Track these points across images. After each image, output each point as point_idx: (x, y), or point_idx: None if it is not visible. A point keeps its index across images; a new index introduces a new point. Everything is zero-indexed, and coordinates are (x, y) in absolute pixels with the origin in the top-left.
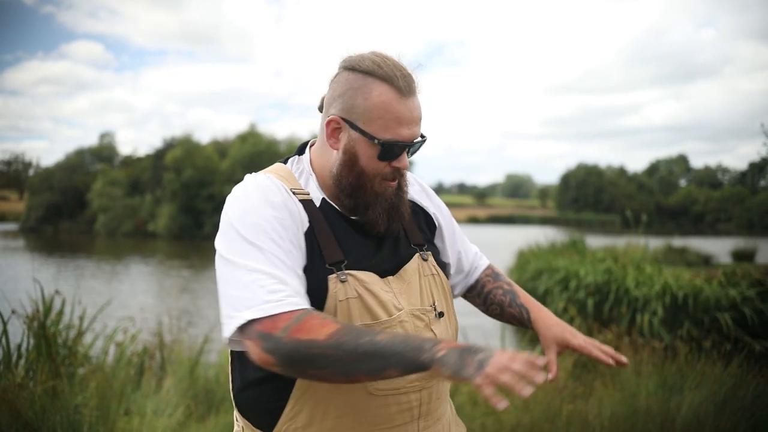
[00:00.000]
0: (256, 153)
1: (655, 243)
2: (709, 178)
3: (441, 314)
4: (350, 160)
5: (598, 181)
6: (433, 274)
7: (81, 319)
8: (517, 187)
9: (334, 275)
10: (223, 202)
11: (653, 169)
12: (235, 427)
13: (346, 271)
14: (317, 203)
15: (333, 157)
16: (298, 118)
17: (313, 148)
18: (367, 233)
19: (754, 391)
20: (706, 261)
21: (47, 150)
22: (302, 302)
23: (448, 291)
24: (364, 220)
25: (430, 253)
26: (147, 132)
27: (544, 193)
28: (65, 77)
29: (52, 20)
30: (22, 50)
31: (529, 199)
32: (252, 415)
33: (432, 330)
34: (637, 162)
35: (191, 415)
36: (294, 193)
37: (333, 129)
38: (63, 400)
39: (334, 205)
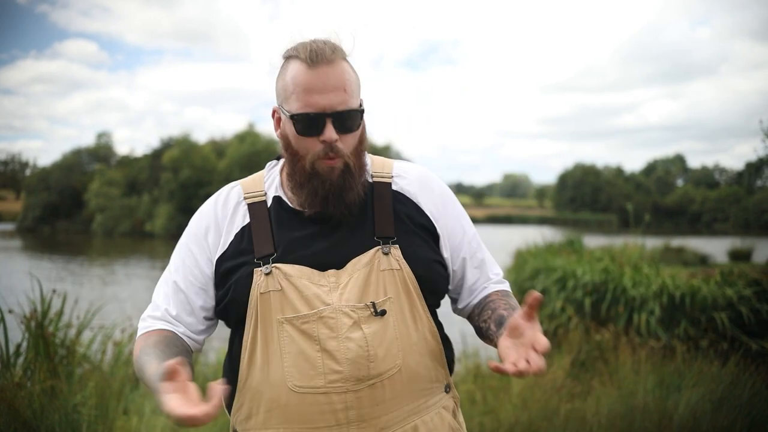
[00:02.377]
0: (254, 153)
1: (653, 243)
2: (706, 177)
3: (382, 312)
4: (285, 143)
5: (596, 180)
6: (393, 269)
7: (79, 318)
8: (514, 187)
9: (260, 268)
10: None
11: (650, 168)
12: None
13: (273, 265)
14: (269, 202)
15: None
16: None
17: None
18: (315, 224)
19: (750, 390)
20: (703, 261)
21: (42, 149)
22: (152, 323)
23: (415, 288)
24: (299, 202)
25: (397, 246)
26: (143, 131)
27: (541, 192)
28: (59, 76)
29: (45, 19)
30: (17, 49)
31: (526, 198)
32: (226, 406)
33: (362, 328)
34: (633, 161)
35: None
36: (245, 197)
37: (276, 119)
38: (61, 400)
39: (285, 200)
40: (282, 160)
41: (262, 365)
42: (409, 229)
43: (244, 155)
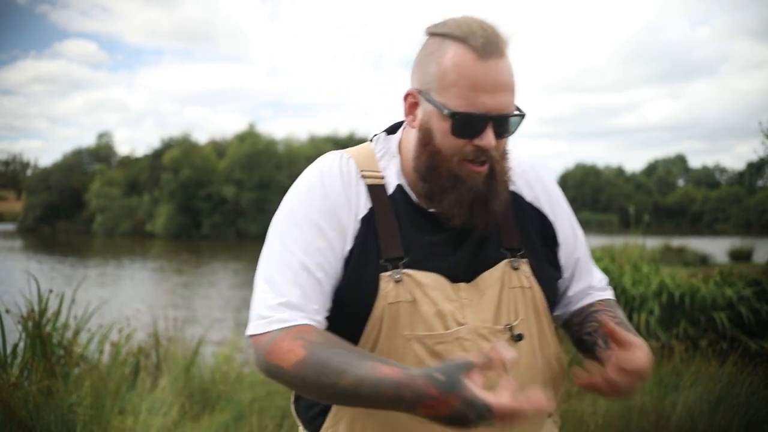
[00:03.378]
0: (255, 153)
1: (653, 243)
2: (707, 177)
3: (519, 337)
4: (425, 138)
5: (596, 180)
6: (523, 287)
7: (77, 318)
8: None
9: (387, 273)
10: (221, 202)
11: (651, 168)
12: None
13: (403, 270)
14: (390, 189)
15: (412, 137)
16: (294, 117)
17: (405, 130)
18: (445, 230)
19: (748, 390)
20: (703, 260)
21: (42, 149)
22: (291, 318)
23: (544, 311)
24: (438, 210)
25: (525, 261)
26: (143, 131)
27: None
28: (59, 76)
29: (45, 19)
30: (17, 49)
31: None
32: (303, 420)
33: None
34: (634, 161)
35: (186, 414)
36: (364, 176)
37: (410, 104)
38: (57, 400)
39: (410, 193)
40: (395, 138)
41: None
42: (533, 239)
43: (245, 155)
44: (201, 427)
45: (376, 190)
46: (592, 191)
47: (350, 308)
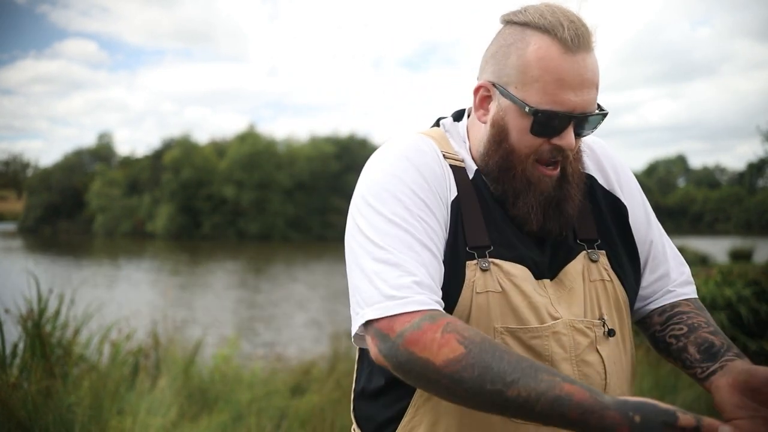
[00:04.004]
0: (255, 153)
1: None
2: (708, 178)
3: (611, 332)
4: (498, 135)
5: None
6: (603, 280)
7: (77, 319)
8: None
9: (474, 261)
10: (221, 203)
11: (652, 169)
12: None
13: (490, 259)
14: (470, 174)
15: (482, 132)
16: (294, 117)
17: (469, 119)
18: (519, 227)
19: None
20: (703, 260)
21: (43, 149)
22: (429, 300)
23: (624, 305)
24: (512, 213)
25: (603, 252)
26: (143, 131)
27: None
28: (59, 76)
29: (45, 19)
30: (17, 49)
31: None
32: (366, 424)
33: (598, 351)
34: (634, 161)
35: (184, 414)
36: (446, 156)
37: (482, 97)
38: (56, 400)
39: (487, 181)
40: (459, 123)
41: None
42: (610, 228)
43: (245, 156)
44: (199, 428)
45: (459, 173)
46: None
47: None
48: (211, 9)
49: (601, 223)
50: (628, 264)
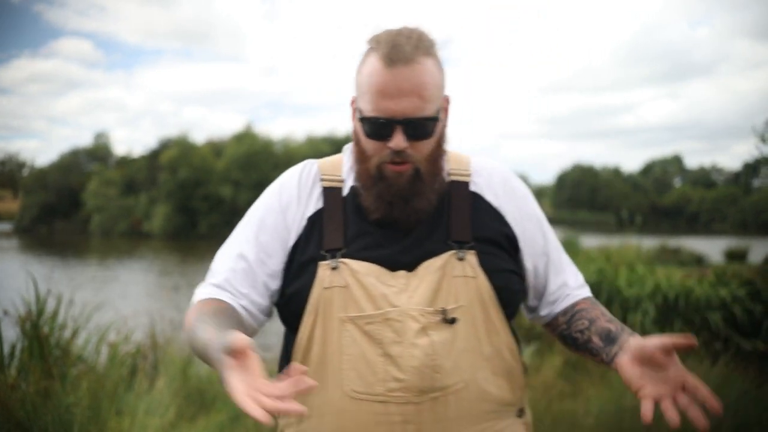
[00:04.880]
0: (252, 153)
1: (650, 243)
2: (704, 178)
3: (452, 320)
4: (354, 139)
5: (594, 181)
6: (466, 276)
7: (75, 319)
8: None
9: (326, 262)
10: (219, 202)
11: (648, 169)
12: None
13: (341, 259)
14: (345, 191)
15: None
16: (293, 117)
17: None
18: (390, 224)
19: (739, 390)
20: (698, 261)
21: (40, 149)
22: (212, 293)
23: (490, 299)
24: (364, 204)
25: (473, 252)
26: (141, 131)
27: (539, 192)
28: (55, 75)
29: (40, 17)
30: (13, 48)
31: None
32: None
33: (429, 335)
34: (631, 161)
35: (182, 415)
36: (323, 179)
37: (352, 111)
38: (55, 400)
39: (364, 193)
40: None
41: (318, 366)
42: (487, 234)
43: (242, 155)
44: (197, 428)
45: (330, 192)
46: (589, 191)
47: (295, 294)
48: (209, 8)
49: (480, 231)
50: (503, 267)
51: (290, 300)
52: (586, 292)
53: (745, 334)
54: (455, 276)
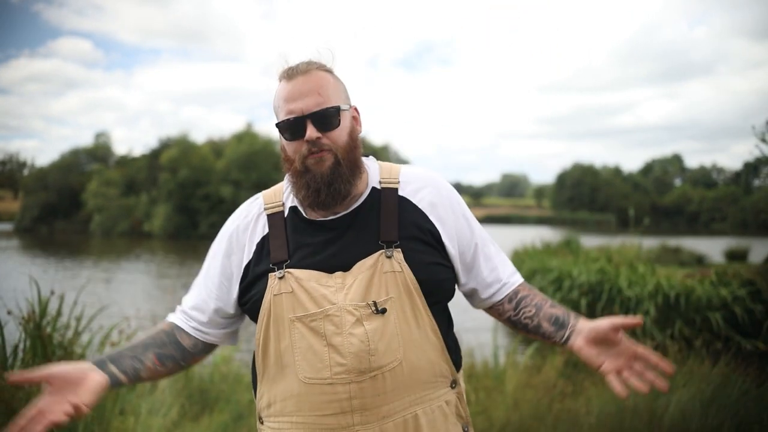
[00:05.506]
0: (252, 153)
1: (650, 243)
2: (704, 177)
3: (383, 310)
4: (283, 155)
5: (594, 180)
6: (395, 272)
7: (77, 319)
8: (512, 187)
9: (275, 273)
10: (219, 202)
11: (648, 168)
12: None
13: (286, 270)
14: (286, 212)
15: None
16: None
17: None
18: (324, 231)
19: (739, 390)
20: (699, 261)
21: (38, 149)
22: (172, 316)
23: (416, 290)
24: (298, 199)
25: (399, 250)
26: (139, 130)
27: (539, 192)
28: (54, 75)
29: (38, 17)
30: (12, 48)
31: (524, 198)
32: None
33: (363, 325)
34: (631, 160)
35: (185, 414)
36: (266, 208)
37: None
38: None
39: (301, 210)
40: None
41: (276, 359)
42: (413, 233)
43: (243, 155)
44: (200, 428)
45: (273, 217)
46: (589, 191)
47: (253, 301)
48: (205, 7)
49: (406, 230)
50: (429, 260)
51: (250, 306)
52: (519, 278)
53: (745, 334)
54: (385, 272)
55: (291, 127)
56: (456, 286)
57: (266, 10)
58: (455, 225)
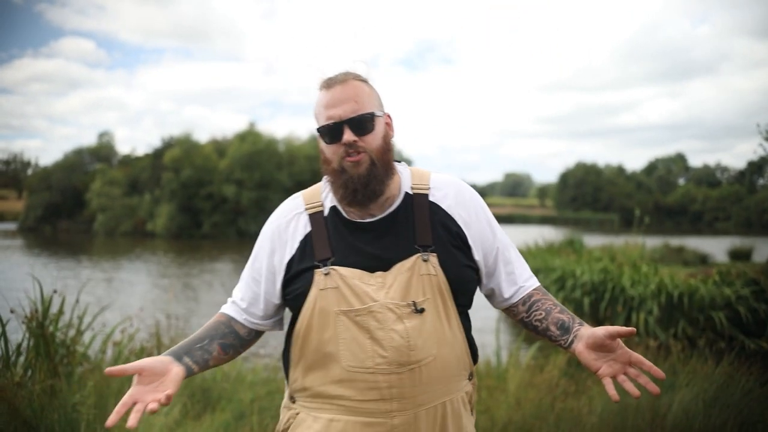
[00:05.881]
0: (255, 152)
1: (653, 242)
2: (708, 177)
3: (421, 310)
4: (323, 158)
5: (597, 180)
6: (430, 275)
7: (80, 318)
8: (515, 186)
9: (320, 269)
10: (222, 201)
11: (651, 167)
12: None
13: (331, 267)
14: (326, 211)
15: None
16: (292, 116)
17: None
18: (366, 232)
19: (743, 389)
20: (702, 260)
21: (41, 148)
22: (228, 309)
23: (447, 292)
24: (336, 198)
25: (435, 254)
26: (141, 130)
27: (542, 192)
28: (57, 75)
29: (41, 17)
30: (15, 48)
31: (527, 197)
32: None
33: (404, 322)
34: (633, 160)
35: (187, 413)
36: (306, 208)
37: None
38: (61, 399)
39: (341, 210)
40: None
41: (317, 348)
42: (444, 237)
43: (246, 154)
44: (202, 427)
45: (315, 217)
46: (592, 190)
47: (295, 294)
48: (206, 6)
49: (438, 234)
50: (459, 263)
51: (296, 299)
52: (535, 282)
53: (749, 333)
54: (422, 274)
55: (330, 132)
56: (478, 287)
57: (266, 10)
58: (479, 229)
